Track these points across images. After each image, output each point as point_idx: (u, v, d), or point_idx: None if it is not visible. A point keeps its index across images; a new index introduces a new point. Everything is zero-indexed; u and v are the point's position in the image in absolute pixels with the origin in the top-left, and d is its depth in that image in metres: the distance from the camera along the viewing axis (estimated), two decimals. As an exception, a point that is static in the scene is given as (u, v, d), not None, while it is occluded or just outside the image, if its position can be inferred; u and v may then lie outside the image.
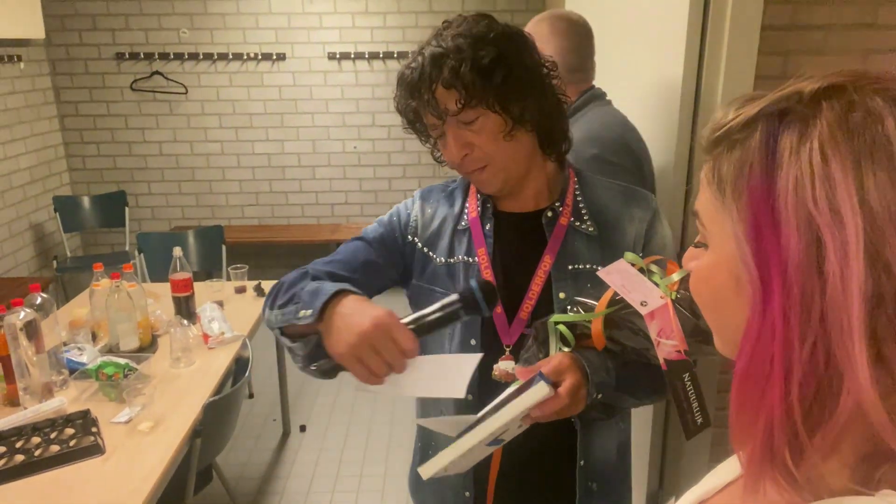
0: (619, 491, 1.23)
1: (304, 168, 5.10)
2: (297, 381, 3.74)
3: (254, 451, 3.14)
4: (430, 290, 1.14)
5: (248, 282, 2.99)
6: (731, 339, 0.50)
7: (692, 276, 0.54)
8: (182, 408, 1.96)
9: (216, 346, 2.36)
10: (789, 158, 0.43)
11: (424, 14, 4.79)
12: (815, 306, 0.41)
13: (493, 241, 1.12)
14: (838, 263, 0.40)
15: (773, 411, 0.43)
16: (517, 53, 1.02)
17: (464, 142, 1.03)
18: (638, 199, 1.14)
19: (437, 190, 1.22)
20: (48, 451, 1.71)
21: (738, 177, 0.46)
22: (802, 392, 0.42)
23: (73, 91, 4.84)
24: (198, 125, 4.96)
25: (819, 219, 0.41)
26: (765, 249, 0.43)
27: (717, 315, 0.53)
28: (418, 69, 1.02)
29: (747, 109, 0.47)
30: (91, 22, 4.73)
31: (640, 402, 1.13)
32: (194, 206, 5.13)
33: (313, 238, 4.97)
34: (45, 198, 4.62)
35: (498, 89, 1.00)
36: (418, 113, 1.06)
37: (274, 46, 4.82)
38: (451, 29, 1.03)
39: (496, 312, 1.09)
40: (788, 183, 0.42)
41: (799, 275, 0.41)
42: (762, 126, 0.45)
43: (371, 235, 1.18)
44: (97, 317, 2.37)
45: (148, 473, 1.66)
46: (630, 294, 0.89)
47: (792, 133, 0.43)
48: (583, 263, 1.09)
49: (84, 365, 2.10)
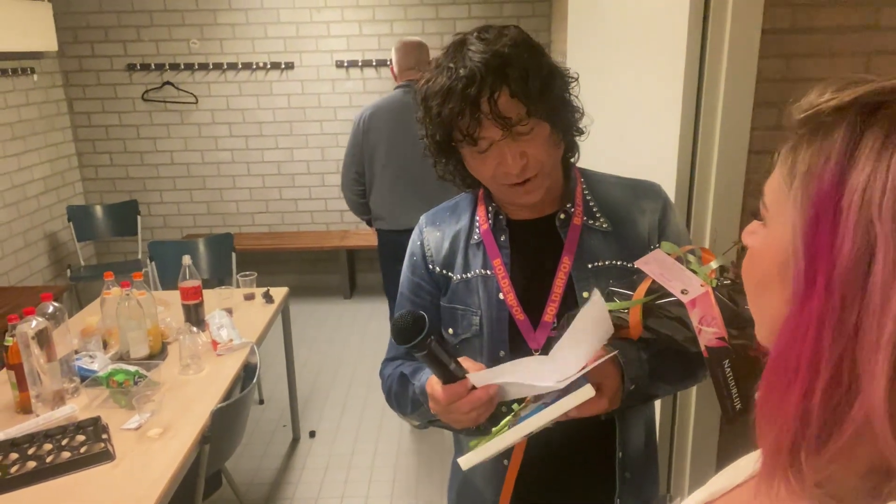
0: (649, 479, 1.23)
1: (314, 175, 5.14)
2: (307, 387, 3.76)
3: (264, 457, 3.16)
4: (451, 310, 1.16)
5: (257, 289, 3.02)
6: (767, 326, 0.50)
7: (747, 253, 0.52)
8: (191, 414, 1.98)
9: (225, 352, 2.38)
10: (867, 159, 0.41)
11: (431, 21, 4.82)
12: (853, 315, 0.40)
13: (509, 251, 1.12)
14: (883, 278, 0.39)
15: (795, 408, 0.43)
16: (556, 64, 1.04)
17: (520, 152, 1.01)
18: (646, 191, 1.16)
19: (440, 211, 1.22)
20: (59, 458, 1.73)
21: (812, 166, 0.44)
22: (825, 394, 0.41)
23: (85, 102, 4.91)
24: (208, 134, 5.02)
25: (879, 228, 0.39)
26: (817, 247, 0.42)
27: (757, 299, 0.52)
28: (473, 78, 0.96)
29: (843, 94, 0.44)
30: (103, 34, 4.80)
31: (674, 389, 1.15)
32: (206, 214, 5.18)
33: (323, 245, 5.00)
34: (59, 207, 4.69)
35: (554, 99, 1.01)
36: (459, 127, 0.99)
37: (282, 55, 4.87)
38: (494, 37, 1.00)
39: (519, 319, 1.10)
40: (859, 184, 0.40)
41: (844, 280, 0.40)
42: (851, 117, 0.43)
43: (407, 293, 1.20)
44: (108, 325, 2.40)
45: (157, 479, 1.68)
46: (670, 282, 0.89)
47: (878, 133, 0.41)
48: (602, 261, 1.10)
49: (95, 372, 2.13)
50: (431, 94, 1.01)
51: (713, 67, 1.60)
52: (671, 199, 1.68)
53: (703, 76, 1.61)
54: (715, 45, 1.58)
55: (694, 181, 1.69)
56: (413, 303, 1.20)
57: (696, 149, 1.66)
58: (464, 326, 1.14)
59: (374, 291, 5.06)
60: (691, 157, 1.68)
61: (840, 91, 0.45)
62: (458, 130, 1.00)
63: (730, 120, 1.61)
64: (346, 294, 5.17)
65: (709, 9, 1.57)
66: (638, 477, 1.17)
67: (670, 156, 1.70)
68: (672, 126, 1.69)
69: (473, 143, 1.00)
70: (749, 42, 1.57)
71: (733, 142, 1.62)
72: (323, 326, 4.66)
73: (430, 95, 1.02)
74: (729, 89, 1.59)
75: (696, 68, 1.62)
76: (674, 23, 1.65)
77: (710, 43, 1.59)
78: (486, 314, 1.12)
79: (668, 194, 1.69)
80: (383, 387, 1.23)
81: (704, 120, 1.63)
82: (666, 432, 1.91)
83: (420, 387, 1.08)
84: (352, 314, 4.86)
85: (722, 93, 1.60)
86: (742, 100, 1.60)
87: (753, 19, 1.56)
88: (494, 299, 1.11)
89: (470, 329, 1.13)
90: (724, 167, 1.63)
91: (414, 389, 1.11)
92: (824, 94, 0.46)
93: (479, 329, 1.12)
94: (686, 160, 1.68)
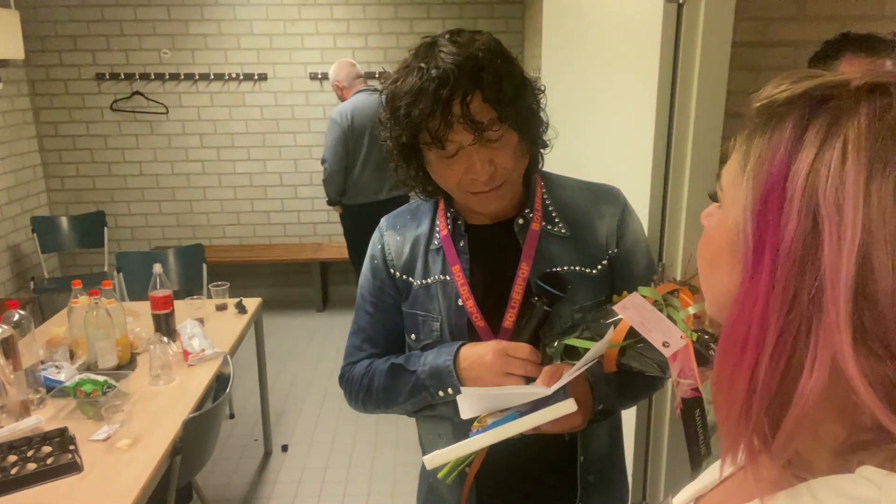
0: (615, 479, 1.23)
1: (287, 187, 5.10)
2: (280, 400, 3.70)
3: (235, 472, 3.09)
4: (412, 315, 1.15)
5: (230, 299, 2.97)
6: (716, 302, 0.53)
7: (703, 233, 0.55)
8: (161, 425, 1.94)
9: (196, 363, 2.34)
10: (811, 147, 0.44)
11: (406, 35, 4.86)
12: (804, 289, 0.43)
13: (468, 256, 1.12)
14: (832, 254, 0.42)
15: (745, 380, 0.45)
16: (526, 75, 1.04)
17: (488, 159, 0.99)
18: (605, 196, 1.15)
19: (401, 214, 1.21)
20: (25, 470, 1.68)
21: (763, 152, 0.47)
22: (771, 367, 0.44)
23: (52, 111, 4.82)
24: (179, 145, 4.95)
25: (823, 209, 0.42)
26: (765, 227, 0.45)
27: (709, 276, 0.55)
28: (446, 79, 0.93)
29: (796, 87, 0.47)
30: (71, 43, 4.73)
31: (637, 402, 1.17)
32: (175, 226, 5.10)
33: (296, 257, 4.96)
34: (22, 218, 4.57)
35: (525, 109, 1.01)
36: (428, 128, 0.96)
37: (255, 67, 4.85)
38: (467, 41, 0.98)
39: (479, 325, 1.10)
40: (802, 170, 0.44)
41: (790, 256, 0.43)
42: (800, 108, 0.46)
43: (369, 296, 1.19)
44: (75, 334, 2.34)
45: (126, 491, 1.64)
46: (650, 333, 0.89)
47: (824, 122, 0.44)
48: (559, 266, 1.10)
49: (62, 383, 2.07)
50: (400, 94, 0.98)
51: (685, 79, 1.63)
52: (647, 206, 1.73)
53: (676, 87, 1.65)
54: (687, 57, 1.62)
55: (668, 190, 1.72)
56: (374, 306, 1.19)
57: (670, 158, 1.69)
58: (425, 332, 1.14)
59: (347, 304, 5.02)
60: (665, 167, 1.71)
61: (794, 84, 0.48)
62: (427, 132, 0.97)
63: (701, 130, 1.65)
64: (318, 307, 5.12)
65: (681, 21, 1.61)
66: (602, 480, 1.18)
67: (644, 166, 1.73)
68: (646, 137, 1.72)
69: (441, 146, 0.97)
70: (720, 54, 1.61)
71: (706, 152, 1.65)
72: (296, 339, 4.61)
73: (398, 95, 0.98)
74: (701, 100, 1.63)
75: (669, 80, 1.65)
76: (647, 35, 1.68)
77: (682, 55, 1.62)
78: (447, 320, 1.11)
79: (644, 203, 1.74)
80: (353, 387, 1.19)
81: (677, 130, 1.67)
82: (641, 439, 1.93)
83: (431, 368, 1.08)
84: (325, 327, 4.82)
85: (694, 103, 1.64)
86: (713, 110, 1.64)
87: (724, 33, 1.60)
88: (454, 305, 1.11)
89: (431, 335, 1.13)
90: (696, 176, 1.67)
91: (419, 374, 1.10)
92: (780, 85, 0.49)
93: (440, 335, 1.12)
94: (660, 170, 1.71)
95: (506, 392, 1.01)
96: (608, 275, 1.12)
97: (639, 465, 1.96)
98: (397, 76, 1.00)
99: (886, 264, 0.41)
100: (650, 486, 1.97)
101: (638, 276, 1.11)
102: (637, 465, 1.95)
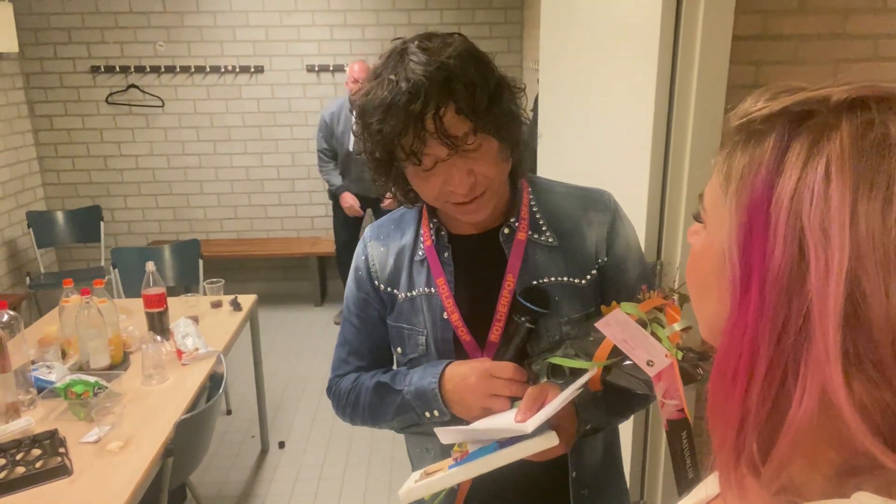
0: (611, 492, 1.20)
1: (284, 181, 5.07)
2: (276, 396, 3.69)
3: (231, 469, 3.08)
4: (398, 329, 1.12)
5: (225, 296, 2.95)
6: (709, 327, 0.52)
7: (690, 253, 0.54)
8: (153, 426, 1.91)
9: (190, 362, 2.31)
10: (794, 168, 0.42)
11: (403, 26, 4.80)
12: (793, 318, 0.41)
13: (452, 268, 1.08)
14: (818, 281, 0.40)
15: (737, 409, 0.44)
16: (502, 76, 0.99)
17: (468, 170, 0.95)
18: (595, 202, 1.10)
19: (385, 223, 1.17)
20: (13, 473, 1.66)
21: (745, 173, 0.45)
22: (762, 396, 0.43)
23: (47, 105, 4.78)
24: (175, 138, 4.91)
25: (808, 234, 0.41)
26: (750, 254, 0.44)
27: (699, 300, 0.53)
28: (417, 93, 0.89)
29: (774, 103, 0.46)
30: (66, 35, 4.68)
31: (627, 417, 1.15)
32: (171, 220, 5.07)
33: (293, 251, 4.93)
34: (18, 213, 4.54)
35: (502, 113, 0.96)
36: (402, 145, 0.93)
37: (252, 59, 4.80)
38: (437, 48, 0.93)
39: (465, 339, 1.07)
40: (786, 192, 0.42)
41: (778, 285, 0.42)
42: (780, 126, 0.44)
43: (354, 308, 1.16)
44: (67, 334, 2.32)
45: (116, 494, 1.62)
46: (634, 351, 0.86)
47: (805, 141, 0.42)
48: (547, 277, 1.06)
49: (52, 383, 2.04)
50: (370, 109, 0.93)
51: (685, 73, 1.60)
52: (644, 209, 1.70)
53: (675, 82, 1.61)
54: (686, 51, 1.59)
55: (666, 185, 1.69)
56: (360, 318, 1.15)
57: (669, 153, 1.66)
58: (411, 346, 1.11)
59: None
60: (664, 161, 1.68)
61: (771, 100, 0.46)
62: (401, 149, 0.93)
63: (701, 125, 1.61)
64: (316, 302, 5.10)
65: (680, 15, 1.58)
66: (597, 493, 1.15)
67: (643, 161, 1.70)
68: (644, 131, 1.68)
69: (418, 161, 0.93)
70: (720, 48, 1.58)
71: (705, 147, 1.62)
72: (293, 335, 4.59)
73: (368, 110, 0.94)
74: (700, 94, 1.60)
75: (668, 74, 1.62)
76: (646, 28, 1.65)
77: (681, 49, 1.59)
78: (432, 334, 1.08)
79: (642, 198, 1.70)
80: (340, 401, 1.17)
81: (676, 125, 1.63)
82: (639, 441, 1.91)
83: (417, 389, 1.05)
84: (323, 322, 4.79)
85: (693, 98, 1.60)
86: (713, 104, 1.61)
87: (724, 26, 1.57)
88: (439, 319, 1.07)
89: (417, 349, 1.10)
90: (696, 171, 1.64)
91: (405, 394, 1.07)
92: (758, 102, 0.47)
93: (426, 349, 1.09)
94: (658, 165, 1.68)
95: (484, 427, 0.98)
96: (598, 284, 1.08)
97: (636, 466, 1.94)
98: (368, 87, 0.95)
99: (879, 289, 0.39)
100: (648, 485, 1.94)
101: (630, 285, 1.07)
102: (634, 465, 1.93)
